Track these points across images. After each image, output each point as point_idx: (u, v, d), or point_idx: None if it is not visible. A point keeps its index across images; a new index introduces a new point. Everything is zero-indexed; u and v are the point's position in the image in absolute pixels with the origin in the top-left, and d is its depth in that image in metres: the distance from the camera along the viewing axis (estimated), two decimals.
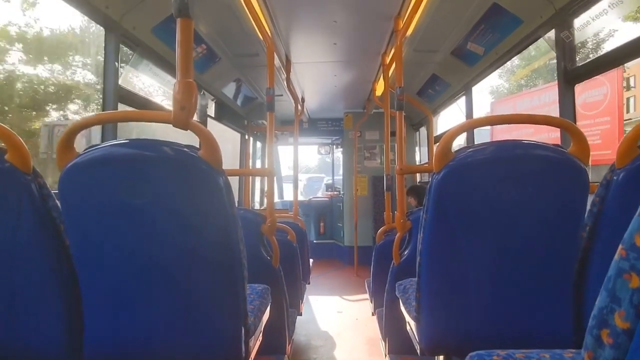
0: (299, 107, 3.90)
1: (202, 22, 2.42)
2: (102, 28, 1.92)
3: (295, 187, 3.69)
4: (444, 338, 1.19)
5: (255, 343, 1.23)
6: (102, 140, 1.87)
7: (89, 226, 0.94)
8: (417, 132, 5.37)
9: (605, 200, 1.03)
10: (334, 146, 6.79)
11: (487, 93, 17.30)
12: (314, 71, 3.74)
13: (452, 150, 1.11)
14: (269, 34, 2.33)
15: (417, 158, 5.42)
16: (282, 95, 3.80)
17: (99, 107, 2.03)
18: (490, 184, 1.07)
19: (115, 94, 1.94)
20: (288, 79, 3.42)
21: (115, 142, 0.96)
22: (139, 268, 0.96)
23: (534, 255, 1.09)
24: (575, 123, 1.90)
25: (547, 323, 1.11)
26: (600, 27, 1.86)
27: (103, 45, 1.95)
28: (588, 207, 1.07)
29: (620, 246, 0.43)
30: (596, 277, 1.06)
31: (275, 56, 2.47)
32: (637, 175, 0.97)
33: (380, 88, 3.81)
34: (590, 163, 1.09)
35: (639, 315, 0.39)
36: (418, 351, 1.26)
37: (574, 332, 1.09)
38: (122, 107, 2.02)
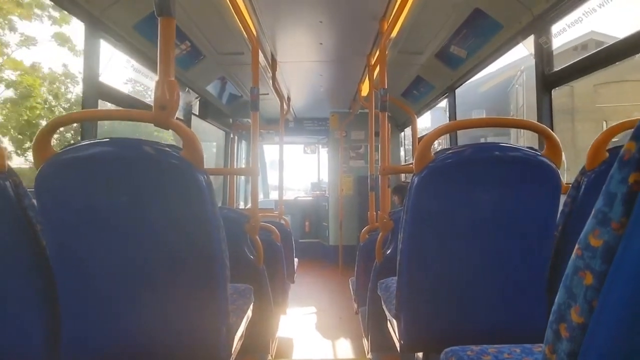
0: (285, 106, 3.89)
1: (186, 18, 2.39)
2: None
3: (281, 187, 3.68)
4: (423, 335, 1.22)
5: (238, 343, 1.23)
6: (82, 139, 1.83)
7: (67, 226, 0.93)
8: (402, 133, 5.43)
9: (576, 201, 1.08)
10: (320, 146, 6.81)
11: None
12: (300, 71, 3.74)
13: (433, 152, 1.14)
14: (254, 32, 2.32)
15: (403, 158, 5.48)
16: (268, 94, 3.79)
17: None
18: (468, 185, 1.10)
19: (95, 90, 1.90)
20: (274, 78, 3.41)
21: (94, 140, 0.95)
22: (117, 268, 0.95)
23: (510, 254, 1.13)
24: (552, 126, 1.96)
25: (523, 319, 1.15)
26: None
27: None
28: (560, 208, 1.12)
29: (576, 246, 0.45)
30: None
31: (261, 55, 2.46)
32: (604, 178, 1.01)
33: (365, 88, 3.84)
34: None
35: (591, 311, 0.42)
36: (398, 348, 1.28)
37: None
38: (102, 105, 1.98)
